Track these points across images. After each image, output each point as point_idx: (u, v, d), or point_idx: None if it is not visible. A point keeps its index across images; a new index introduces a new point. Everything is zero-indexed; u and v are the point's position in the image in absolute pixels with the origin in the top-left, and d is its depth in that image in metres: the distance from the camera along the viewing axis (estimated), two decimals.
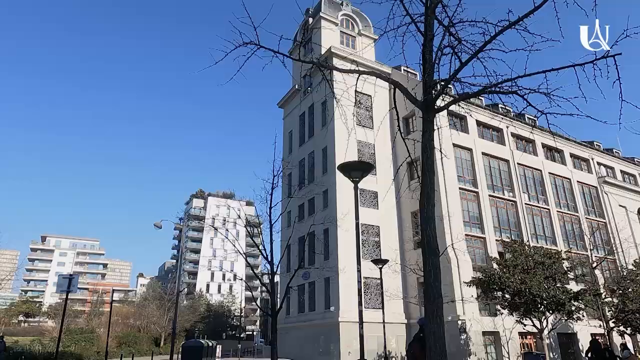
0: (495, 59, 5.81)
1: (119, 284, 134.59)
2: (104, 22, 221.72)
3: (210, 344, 27.48)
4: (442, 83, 6.24)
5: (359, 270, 7.89)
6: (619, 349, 22.35)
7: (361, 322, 8.34)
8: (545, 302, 20.53)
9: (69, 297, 16.31)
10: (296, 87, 40.72)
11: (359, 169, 7.39)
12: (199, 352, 24.30)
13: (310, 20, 41.03)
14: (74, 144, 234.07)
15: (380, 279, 21.68)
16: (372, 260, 21.78)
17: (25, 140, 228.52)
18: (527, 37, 5.34)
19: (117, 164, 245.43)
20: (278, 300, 16.96)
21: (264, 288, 17.13)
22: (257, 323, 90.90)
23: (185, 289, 56.95)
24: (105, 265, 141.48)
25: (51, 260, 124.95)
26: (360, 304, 8.01)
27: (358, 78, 6.34)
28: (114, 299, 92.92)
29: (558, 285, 22.58)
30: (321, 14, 39.00)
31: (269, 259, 15.42)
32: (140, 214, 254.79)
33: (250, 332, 78.38)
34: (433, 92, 6.14)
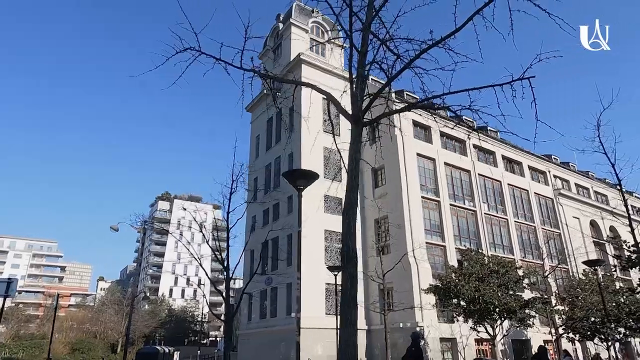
0: (431, 75, 6.02)
1: (77, 287, 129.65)
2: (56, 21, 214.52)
3: (167, 350, 26.84)
4: (371, 96, 6.39)
5: (298, 278, 7.97)
6: (562, 356, 23.25)
7: (299, 328, 8.42)
8: (497, 309, 21.18)
9: (21, 301, 15.60)
10: (264, 91, 40.65)
11: (304, 177, 7.46)
12: (154, 358, 23.70)
13: (281, 26, 41.15)
14: (34, 141, 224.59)
15: (335, 285, 21.76)
16: (327, 267, 21.90)
17: None
18: (455, 55, 5.57)
19: (80, 164, 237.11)
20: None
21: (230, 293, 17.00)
22: (221, 329, 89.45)
23: (143, 293, 55.42)
24: (63, 268, 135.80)
25: (4, 262, 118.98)
26: (298, 310, 8.08)
27: (295, 88, 6.41)
28: (71, 303, 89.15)
29: (510, 293, 23.38)
30: (291, 20, 39.19)
31: (225, 265, 15.26)
32: (106, 217, 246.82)
33: (214, 338, 77.04)
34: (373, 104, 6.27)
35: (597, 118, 15.21)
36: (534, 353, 14.94)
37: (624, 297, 26.46)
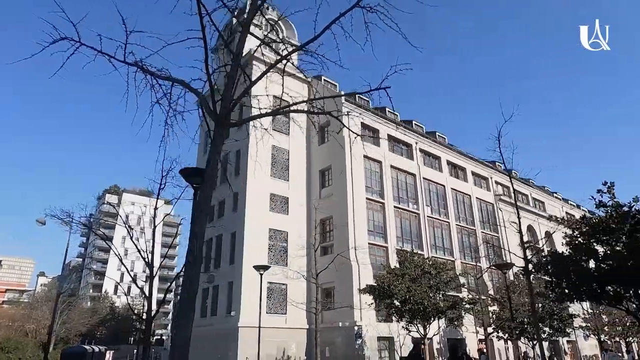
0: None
1: (15, 283, 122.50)
2: None
3: (98, 350, 25.82)
4: (234, 100, 6.42)
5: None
6: (478, 355, 24.34)
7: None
8: (427, 309, 21.89)
9: None
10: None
11: (199, 175, 7.36)
12: (81, 358, 22.76)
13: (234, 21, 40.53)
14: None
15: (260, 284, 21.87)
16: (253, 267, 21.98)
17: None
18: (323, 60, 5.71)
19: (24, 156, 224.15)
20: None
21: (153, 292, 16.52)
22: (168, 327, 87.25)
23: (68, 290, 53.09)
24: None
25: None
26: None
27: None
28: (4, 299, 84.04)
29: (442, 293, 24.25)
30: (245, 16, 38.69)
31: (149, 262, 14.90)
32: (50, 209, 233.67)
33: (159, 337, 74.91)
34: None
35: (498, 130, 16.21)
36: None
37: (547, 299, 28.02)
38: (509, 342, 34.72)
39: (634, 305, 13.45)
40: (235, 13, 6.14)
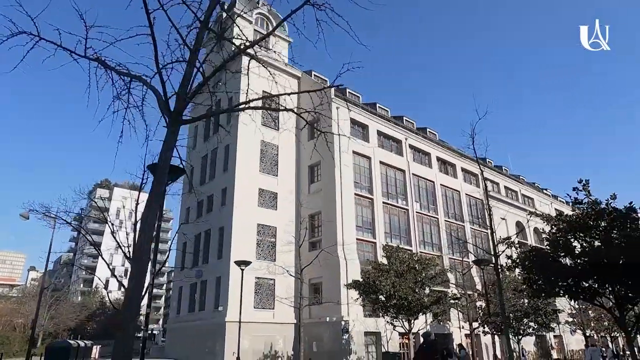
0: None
1: (6, 277, 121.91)
2: None
3: (84, 344, 25.75)
4: (188, 97, 6.38)
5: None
6: (458, 349, 24.48)
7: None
8: (412, 304, 22.03)
9: None
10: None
11: (170, 172, 7.33)
12: (66, 353, 22.70)
13: (224, 15, 40.23)
14: None
15: (242, 280, 21.91)
16: (234, 262, 22.09)
17: None
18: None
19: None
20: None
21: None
22: (160, 322, 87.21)
23: (52, 285, 52.92)
24: None
25: None
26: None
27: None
28: None
29: (428, 288, 24.41)
30: (235, 10, 38.43)
31: (129, 257, 14.86)
32: (42, 202, 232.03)
33: (150, 331, 74.93)
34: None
35: (472, 127, 16.50)
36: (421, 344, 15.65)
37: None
38: (496, 337, 35.07)
39: (612, 302, 13.61)
40: (198, 12, 6.08)
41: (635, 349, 20.62)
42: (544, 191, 62.04)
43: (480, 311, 29.89)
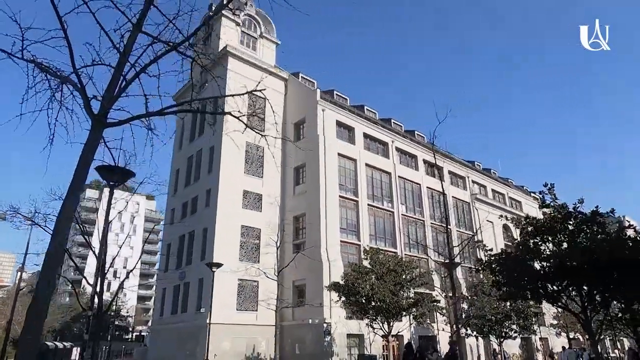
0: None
1: None
2: None
3: (62, 346, 25.52)
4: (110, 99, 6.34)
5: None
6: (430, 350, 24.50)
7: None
8: (390, 307, 22.04)
9: None
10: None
11: (118, 173, 7.31)
12: (44, 355, 22.49)
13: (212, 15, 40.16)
14: None
15: (212, 282, 21.92)
16: (206, 264, 22.11)
17: None
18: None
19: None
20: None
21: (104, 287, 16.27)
22: (149, 323, 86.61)
23: (30, 285, 52.43)
24: None
25: None
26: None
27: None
28: None
29: (412, 291, 24.45)
30: (223, 12, 38.43)
31: (100, 257, 14.74)
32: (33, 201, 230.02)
33: (138, 333, 74.56)
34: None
35: (432, 131, 16.88)
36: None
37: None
38: (480, 339, 35.14)
39: (578, 305, 13.69)
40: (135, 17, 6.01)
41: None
42: (532, 194, 62.41)
43: (463, 313, 29.92)
